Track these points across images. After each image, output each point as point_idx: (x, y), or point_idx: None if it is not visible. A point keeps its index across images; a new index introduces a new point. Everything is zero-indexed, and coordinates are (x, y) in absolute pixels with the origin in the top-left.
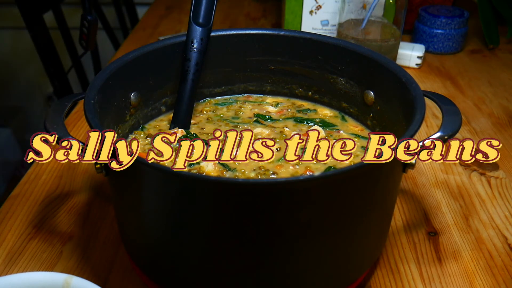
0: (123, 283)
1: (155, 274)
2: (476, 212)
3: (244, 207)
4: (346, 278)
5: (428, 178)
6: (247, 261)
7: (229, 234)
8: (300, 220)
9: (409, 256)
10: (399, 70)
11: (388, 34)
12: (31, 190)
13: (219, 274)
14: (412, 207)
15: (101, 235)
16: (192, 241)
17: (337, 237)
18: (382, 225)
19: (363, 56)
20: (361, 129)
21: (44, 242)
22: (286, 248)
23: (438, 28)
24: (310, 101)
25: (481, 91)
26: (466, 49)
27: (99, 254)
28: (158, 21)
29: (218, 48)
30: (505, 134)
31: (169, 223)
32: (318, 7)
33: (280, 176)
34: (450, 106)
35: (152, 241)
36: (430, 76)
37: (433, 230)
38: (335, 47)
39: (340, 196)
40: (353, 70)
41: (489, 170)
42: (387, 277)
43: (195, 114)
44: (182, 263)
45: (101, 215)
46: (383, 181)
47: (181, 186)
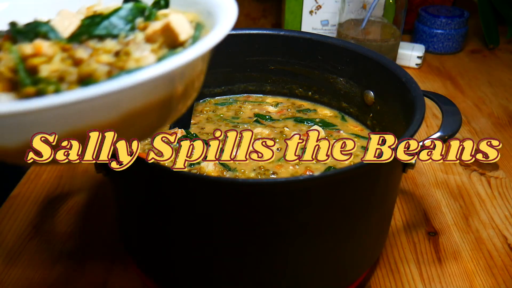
0: (123, 283)
1: (155, 273)
2: (476, 212)
3: (244, 207)
4: (345, 278)
5: (428, 178)
6: (247, 261)
7: (229, 234)
8: (300, 220)
9: (409, 256)
10: (399, 70)
11: (388, 34)
12: (31, 190)
13: (219, 273)
14: (412, 207)
15: (101, 235)
16: (192, 241)
17: (337, 237)
18: (382, 225)
19: (363, 56)
20: (361, 129)
21: (44, 242)
22: (286, 248)
23: (438, 28)
24: (310, 101)
25: (481, 91)
26: (466, 49)
27: (99, 254)
28: None
29: (218, 48)
30: (505, 134)
31: (169, 223)
32: (318, 7)
33: (280, 176)
34: (450, 106)
35: (152, 241)
36: (430, 76)
37: (433, 230)
38: (335, 47)
39: (340, 196)
40: (353, 70)
41: (489, 170)
42: (387, 277)
43: (195, 114)
44: (182, 262)
45: (101, 215)
46: (383, 181)
47: (181, 186)
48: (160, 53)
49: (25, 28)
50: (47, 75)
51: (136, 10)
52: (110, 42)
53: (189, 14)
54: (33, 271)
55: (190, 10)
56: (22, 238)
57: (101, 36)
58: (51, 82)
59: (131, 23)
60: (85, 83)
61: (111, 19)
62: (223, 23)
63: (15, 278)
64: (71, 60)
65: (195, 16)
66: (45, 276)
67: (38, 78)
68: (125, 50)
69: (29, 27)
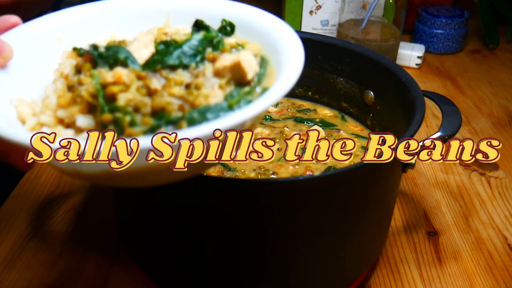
0: (123, 283)
1: (155, 274)
2: (476, 212)
3: (243, 207)
4: (345, 278)
5: (428, 178)
6: (247, 261)
7: (229, 234)
8: (300, 220)
9: (409, 256)
10: (399, 70)
11: (388, 34)
12: (31, 190)
13: (219, 273)
14: (412, 207)
15: (101, 235)
16: (192, 241)
17: (337, 237)
18: (382, 225)
19: (363, 56)
20: (361, 129)
21: (44, 242)
22: (286, 247)
23: (438, 28)
24: (310, 101)
25: (481, 91)
26: (466, 49)
27: (99, 254)
28: None
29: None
30: (505, 134)
31: (169, 222)
32: (318, 7)
33: (280, 176)
34: (450, 106)
35: (152, 240)
36: (430, 76)
37: (433, 230)
38: (335, 47)
39: (340, 196)
40: (353, 70)
41: (489, 170)
42: (387, 277)
43: None
44: (182, 262)
45: (101, 215)
46: (383, 181)
47: (181, 186)
48: (227, 90)
49: (105, 53)
50: (124, 104)
51: (206, 40)
52: (182, 73)
53: (253, 45)
54: (33, 271)
55: (254, 40)
56: (22, 238)
57: (173, 66)
58: (128, 112)
59: (201, 53)
60: (159, 117)
61: (184, 48)
62: (291, 71)
63: (15, 278)
64: (146, 90)
65: (259, 49)
66: (45, 276)
67: (115, 106)
68: (196, 83)
69: (110, 52)
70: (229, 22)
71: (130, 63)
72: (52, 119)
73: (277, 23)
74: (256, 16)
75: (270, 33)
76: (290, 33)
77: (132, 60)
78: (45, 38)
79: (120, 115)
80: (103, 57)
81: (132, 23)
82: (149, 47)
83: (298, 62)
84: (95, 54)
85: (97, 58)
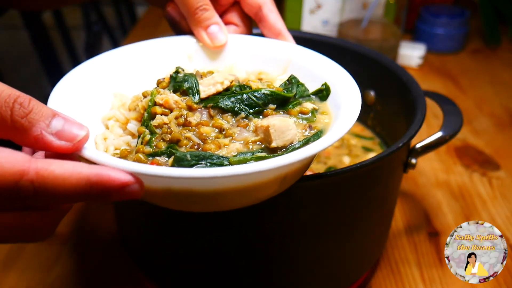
0: (123, 283)
1: (155, 274)
2: (477, 212)
3: (244, 207)
4: (346, 278)
5: (429, 178)
6: (247, 261)
7: (228, 234)
8: (300, 220)
9: (410, 257)
10: (399, 70)
11: (388, 33)
12: None
13: (219, 273)
14: (413, 207)
15: (100, 235)
16: (192, 241)
17: (337, 237)
18: (382, 225)
19: (364, 56)
20: (361, 129)
21: (43, 242)
22: (286, 248)
23: (439, 27)
24: None
25: (482, 91)
26: (467, 48)
27: (99, 254)
28: (158, 20)
29: None
30: (506, 134)
31: (169, 222)
32: (318, 6)
33: None
34: (451, 106)
35: (152, 241)
36: (431, 75)
37: (434, 230)
38: (335, 46)
39: (340, 196)
40: (353, 70)
41: (490, 170)
42: (387, 278)
43: None
44: (181, 262)
45: (100, 215)
46: (383, 181)
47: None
48: (250, 147)
49: (178, 79)
50: (156, 124)
51: (273, 96)
52: (227, 118)
53: (327, 116)
54: (32, 271)
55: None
56: None
57: (224, 109)
58: (153, 131)
59: (260, 107)
60: (169, 147)
61: (244, 95)
62: (338, 129)
63: (15, 278)
64: (184, 120)
65: (327, 123)
66: (45, 276)
67: (149, 123)
68: (228, 131)
69: (181, 79)
70: (328, 87)
71: (191, 93)
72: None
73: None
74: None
75: (341, 96)
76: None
77: (193, 92)
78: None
79: (146, 131)
80: (175, 81)
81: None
82: (218, 85)
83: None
84: (173, 76)
85: (171, 80)
